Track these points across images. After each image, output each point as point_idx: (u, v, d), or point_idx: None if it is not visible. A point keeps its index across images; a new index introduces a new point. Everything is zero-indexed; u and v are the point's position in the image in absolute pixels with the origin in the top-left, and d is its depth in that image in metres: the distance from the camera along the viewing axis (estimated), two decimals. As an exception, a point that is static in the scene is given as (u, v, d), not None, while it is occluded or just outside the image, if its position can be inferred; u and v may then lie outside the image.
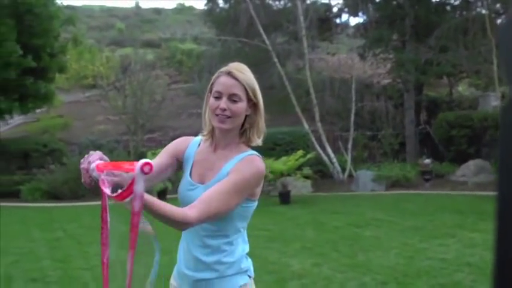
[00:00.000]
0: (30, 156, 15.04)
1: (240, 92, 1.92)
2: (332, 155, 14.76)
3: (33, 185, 13.53)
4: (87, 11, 53.97)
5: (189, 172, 2.04)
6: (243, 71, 1.95)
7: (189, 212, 1.72)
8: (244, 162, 1.92)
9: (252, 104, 1.96)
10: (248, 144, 2.01)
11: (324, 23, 18.49)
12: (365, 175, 13.67)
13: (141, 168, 1.33)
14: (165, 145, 2.20)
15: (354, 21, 46.63)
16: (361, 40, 18.31)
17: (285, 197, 11.36)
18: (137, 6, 62.92)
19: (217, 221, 1.89)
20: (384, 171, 13.90)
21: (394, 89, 17.21)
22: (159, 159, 2.06)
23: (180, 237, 2.07)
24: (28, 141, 15.54)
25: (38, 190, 13.39)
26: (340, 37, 21.79)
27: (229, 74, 1.94)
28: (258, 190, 1.97)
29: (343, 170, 14.73)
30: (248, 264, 2.04)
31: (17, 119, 21.04)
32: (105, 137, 17.31)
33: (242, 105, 1.93)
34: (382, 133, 16.28)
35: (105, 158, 1.67)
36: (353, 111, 15.49)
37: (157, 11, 60.92)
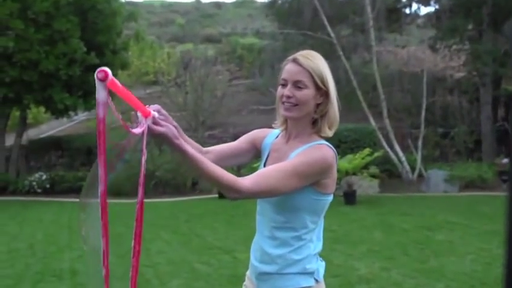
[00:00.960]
0: (93, 153, 15.61)
1: (305, 79, 1.91)
2: (401, 153, 14.47)
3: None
4: (148, 7, 55.38)
5: (263, 162, 2.09)
6: (310, 58, 1.94)
7: (242, 179, 1.74)
8: (311, 148, 1.93)
9: (323, 92, 1.93)
10: (320, 135, 1.99)
11: (392, 13, 18.13)
12: (436, 175, 13.33)
13: (96, 76, 1.37)
14: (225, 142, 2.24)
15: (424, 10, 45.45)
16: (432, 31, 17.83)
17: (350, 197, 11.24)
18: (197, 1, 63.97)
19: (284, 210, 1.92)
20: (458, 171, 13.50)
21: (469, 83, 16.63)
22: (237, 143, 2.16)
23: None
24: (91, 138, 16.13)
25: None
26: (409, 28, 21.28)
27: (294, 60, 1.94)
28: (328, 183, 1.92)
29: (413, 169, 14.42)
30: (316, 266, 2.00)
31: (80, 116, 21.93)
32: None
33: (308, 92, 1.91)
34: (456, 130, 15.81)
35: (163, 111, 1.73)
36: (424, 106, 15.12)
37: (218, 5, 61.71)
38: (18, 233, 8.92)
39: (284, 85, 1.95)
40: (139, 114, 1.60)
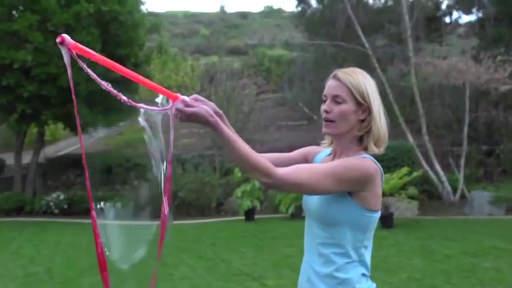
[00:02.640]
0: (113, 172, 15.81)
1: (343, 93, 1.99)
2: (441, 172, 14.29)
3: (117, 201, 14.19)
4: (171, 18, 56.22)
5: None
6: (351, 73, 2.02)
7: (278, 168, 1.81)
8: (353, 157, 1.99)
9: (365, 108, 2.00)
10: (367, 152, 2.03)
11: (432, 22, 18.07)
12: (481, 196, 13.11)
13: (57, 41, 1.59)
14: None
15: (466, 18, 45.09)
16: (475, 40, 17.68)
17: (387, 220, 11.11)
18: (222, 11, 64.74)
19: (327, 225, 2.00)
20: (504, 192, 13.26)
21: (515, 97, 16.39)
22: (290, 154, 2.30)
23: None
24: (111, 156, 16.39)
25: (122, 207, 14.02)
26: (450, 38, 21.17)
27: (334, 76, 2.04)
28: (369, 197, 1.95)
29: (454, 190, 14.20)
30: (367, 285, 2.04)
31: (100, 132, 22.26)
32: (190, 151, 17.84)
33: (346, 108, 1.99)
34: (501, 148, 15.57)
35: (201, 98, 1.82)
36: (466, 122, 14.92)
37: (244, 15, 62.35)
38: (35, 256, 9.06)
39: (325, 101, 2.05)
40: (164, 97, 1.75)
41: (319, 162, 2.20)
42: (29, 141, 18.07)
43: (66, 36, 1.56)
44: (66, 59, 1.60)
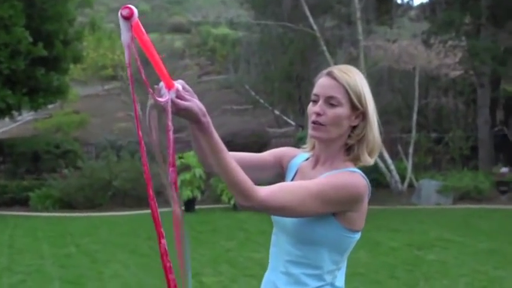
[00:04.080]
0: (41, 159, 15.36)
1: (339, 95, 1.86)
2: (389, 161, 14.55)
3: (44, 191, 13.82)
4: (107, -9, 54.89)
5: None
6: (348, 72, 1.90)
7: (259, 188, 1.70)
8: (342, 173, 1.86)
9: (360, 112, 1.89)
10: (356, 163, 1.93)
11: (382, 4, 18.23)
12: (429, 185, 13.45)
13: (120, 14, 1.39)
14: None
15: (417, 1, 45.98)
16: (426, 24, 17.98)
17: (333, 211, 11.25)
18: (164, -15, 63.70)
19: (302, 243, 1.87)
20: (452, 181, 13.63)
21: (465, 83, 16.84)
22: (262, 154, 2.13)
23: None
24: (38, 141, 15.88)
25: (49, 197, 13.68)
26: (401, 21, 21.46)
27: (329, 74, 1.90)
28: (356, 217, 1.86)
29: (403, 179, 14.51)
30: None
31: (26, 116, 21.59)
32: (126, 136, 17.53)
33: (341, 111, 1.86)
34: (450, 135, 15.97)
35: (188, 87, 1.70)
36: (415, 109, 15.24)
37: (187, -10, 61.52)
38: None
39: (315, 101, 1.90)
40: (162, 85, 1.60)
41: (296, 168, 2.06)
42: None
43: (135, 9, 1.38)
44: (126, 38, 1.44)
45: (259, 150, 2.29)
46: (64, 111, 21.81)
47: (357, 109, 1.87)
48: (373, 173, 14.09)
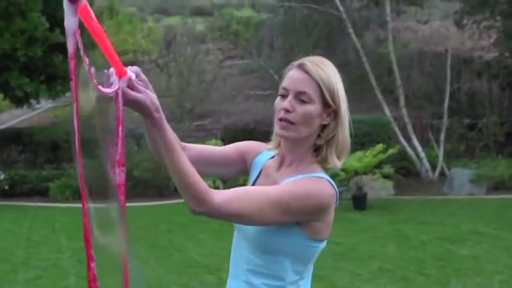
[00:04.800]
0: (60, 148, 15.45)
1: (311, 91, 1.74)
2: (420, 148, 14.36)
3: (64, 181, 13.90)
4: (128, -27, 54.99)
5: (252, 182, 1.97)
6: (321, 65, 1.77)
7: (214, 192, 1.61)
8: (306, 179, 1.76)
9: (332, 111, 1.78)
10: (323, 166, 1.82)
11: (412, -17, 17.91)
12: (461, 174, 13.21)
13: None
14: (216, 134, 2.13)
15: (450, -22, 45.18)
16: (459, 4, 17.62)
17: (359, 202, 11.12)
18: (186, -34, 63.56)
19: (261, 252, 1.78)
20: (486, 169, 13.37)
21: (500, 66, 16.46)
22: (224, 149, 2.04)
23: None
24: (57, 130, 15.96)
25: (68, 188, 13.76)
26: (432, 0, 21.09)
27: (300, 66, 1.77)
28: (321, 227, 1.76)
29: (434, 167, 14.31)
30: None
31: (45, 104, 21.72)
32: (146, 124, 17.57)
33: (312, 109, 1.75)
34: (484, 121, 15.67)
35: (143, 76, 1.63)
36: (447, 93, 14.98)
37: (210, -29, 61.33)
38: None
39: (284, 96, 1.78)
40: (112, 71, 1.52)
41: (260, 167, 1.96)
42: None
43: None
44: (71, 24, 1.35)
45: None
46: (85, 99, 21.87)
47: (329, 107, 1.76)
48: (402, 161, 13.96)
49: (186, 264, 7.35)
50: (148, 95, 1.57)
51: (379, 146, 11.57)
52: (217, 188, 12.35)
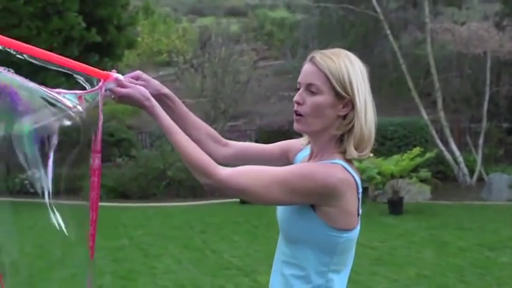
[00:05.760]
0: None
1: (319, 82, 1.78)
2: (457, 152, 14.14)
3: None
4: (163, -27, 55.40)
5: None
6: (332, 56, 1.80)
7: (222, 168, 1.73)
8: (316, 163, 1.83)
9: (348, 101, 1.79)
10: (346, 156, 1.82)
11: (451, -16, 17.71)
12: (500, 179, 12.96)
13: None
14: (250, 135, 2.27)
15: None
16: (498, 5, 17.34)
17: (396, 206, 10.97)
18: (220, -34, 63.79)
19: (290, 242, 1.84)
20: (526, 174, 13.11)
21: (542, 69, 16.18)
22: (268, 145, 2.14)
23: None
24: (90, 129, 16.14)
25: (102, 187, 13.73)
26: (471, 1, 20.80)
27: (310, 59, 1.83)
28: (334, 213, 1.75)
29: (471, 172, 14.07)
30: None
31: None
32: (180, 124, 17.65)
33: (321, 100, 1.78)
34: (524, 125, 15.39)
35: (144, 76, 1.95)
36: (487, 96, 14.72)
37: (244, -28, 61.45)
38: (2, 244, 8.91)
39: (298, 89, 1.86)
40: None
41: (300, 162, 2.02)
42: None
43: None
44: None
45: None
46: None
47: (343, 97, 1.79)
48: (439, 165, 13.76)
49: (220, 266, 7.34)
50: (137, 89, 1.81)
51: (416, 150, 11.40)
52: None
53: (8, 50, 1.62)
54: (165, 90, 2.02)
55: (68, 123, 1.81)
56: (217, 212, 11.84)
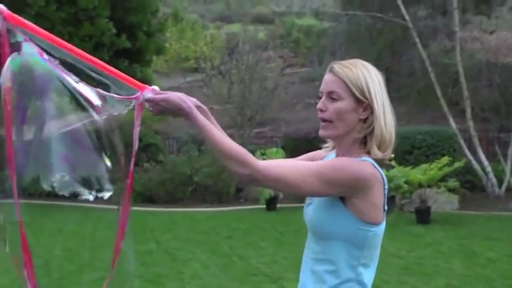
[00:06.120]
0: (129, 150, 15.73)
1: (339, 89, 1.94)
2: (486, 162, 13.95)
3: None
4: (190, -19, 55.78)
5: None
6: (350, 66, 1.96)
7: (257, 160, 1.83)
8: (349, 158, 1.94)
9: (367, 105, 1.94)
10: (369, 156, 1.97)
11: (481, -8, 17.54)
12: (529, 190, 12.78)
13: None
14: (276, 142, 2.39)
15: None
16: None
17: (423, 215, 10.87)
18: (248, -26, 64.01)
19: (320, 238, 1.96)
20: (557, 185, 12.90)
21: None
22: (296, 159, 2.23)
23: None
24: (130, 132, 16.28)
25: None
26: (500, 9, 20.55)
27: (330, 70, 1.99)
28: (362, 206, 1.88)
29: (500, 182, 13.87)
30: None
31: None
32: (207, 130, 17.66)
33: (342, 105, 1.93)
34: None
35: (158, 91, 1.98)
36: (516, 106, 14.54)
37: (271, -21, 61.53)
38: (33, 246, 8.99)
39: (321, 98, 2.01)
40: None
41: None
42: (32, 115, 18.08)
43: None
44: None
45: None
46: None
47: (362, 102, 1.93)
48: (467, 175, 13.60)
49: (247, 272, 7.34)
50: (174, 93, 1.91)
51: (445, 159, 11.30)
52: (276, 196, 12.32)
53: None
54: (202, 105, 2.08)
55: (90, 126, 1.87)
56: (243, 218, 11.85)
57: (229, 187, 14.11)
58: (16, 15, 1.60)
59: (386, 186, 1.94)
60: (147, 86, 1.91)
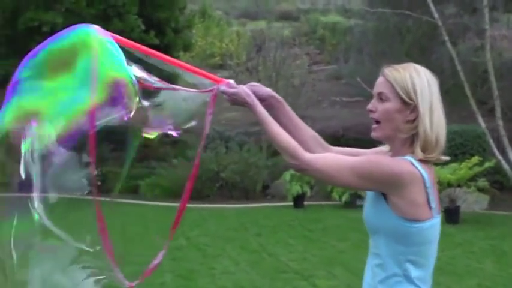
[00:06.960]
0: (150, 147, 15.83)
1: (386, 90, 2.02)
2: (515, 162, 13.78)
3: (153, 180, 14.25)
4: (215, -23, 55.84)
5: None
6: (399, 69, 2.03)
7: (305, 152, 2.02)
8: (388, 157, 2.06)
9: (414, 107, 1.98)
10: (417, 156, 2.00)
11: (512, -10, 17.31)
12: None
13: None
14: None
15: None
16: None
17: (453, 215, 10.81)
18: (272, -29, 63.90)
19: (370, 232, 2.07)
20: None
21: None
22: (360, 151, 2.31)
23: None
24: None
25: (158, 186, 14.09)
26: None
27: (382, 72, 2.08)
28: (400, 204, 1.93)
29: (530, 182, 13.68)
30: None
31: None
32: (234, 127, 17.70)
33: (390, 106, 2.00)
34: None
35: (256, 84, 2.28)
36: (547, 106, 14.34)
37: (296, -24, 61.37)
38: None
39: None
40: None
41: None
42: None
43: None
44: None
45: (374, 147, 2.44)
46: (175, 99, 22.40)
47: (409, 104, 1.99)
48: (496, 175, 13.44)
49: (277, 269, 7.37)
50: (242, 88, 2.18)
51: (475, 159, 11.20)
52: (304, 193, 12.31)
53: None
54: (276, 95, 2.30)
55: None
56: (271, 214, 11.88)
57: (256, 184, 14.15)
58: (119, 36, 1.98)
59: (429, 185, 1.95)
60: (223, 79, 2.20)
